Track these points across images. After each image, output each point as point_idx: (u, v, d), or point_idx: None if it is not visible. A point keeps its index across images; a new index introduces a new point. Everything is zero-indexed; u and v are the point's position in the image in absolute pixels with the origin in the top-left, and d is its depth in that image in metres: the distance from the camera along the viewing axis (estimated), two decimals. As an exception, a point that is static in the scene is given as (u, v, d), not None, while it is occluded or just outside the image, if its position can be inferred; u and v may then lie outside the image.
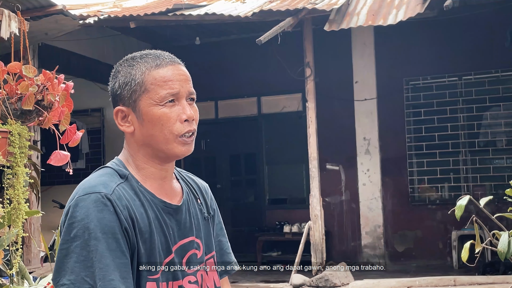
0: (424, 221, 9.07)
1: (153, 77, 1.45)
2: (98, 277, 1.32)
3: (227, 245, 1.73)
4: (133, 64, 1.49)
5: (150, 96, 1.45)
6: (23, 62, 2.49)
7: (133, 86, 1.46)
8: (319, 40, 8.29)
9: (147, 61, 1.48)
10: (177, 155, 1.49)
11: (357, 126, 9.41)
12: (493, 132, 9.07)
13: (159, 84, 1.45)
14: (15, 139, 2.50)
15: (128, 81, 1.47)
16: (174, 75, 1.47)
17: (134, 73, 1.47)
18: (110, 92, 1.53)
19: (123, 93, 1.48)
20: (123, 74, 1.49)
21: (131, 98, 1.47)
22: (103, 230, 1.35)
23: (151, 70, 1.46)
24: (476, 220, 2.24)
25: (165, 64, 1.47)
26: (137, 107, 1.46)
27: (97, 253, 1.33)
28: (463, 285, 6.57)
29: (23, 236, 2.58)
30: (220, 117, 10.28)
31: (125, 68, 1.49)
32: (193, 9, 8.07)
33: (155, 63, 1.47)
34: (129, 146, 1.52)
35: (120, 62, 1.53)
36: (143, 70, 1.46)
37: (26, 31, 3.20)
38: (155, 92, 1.44)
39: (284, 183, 10.35)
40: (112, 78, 1.53)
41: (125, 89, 1.47)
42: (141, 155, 1.50)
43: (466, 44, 8.90)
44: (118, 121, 1.50)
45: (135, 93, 1.46)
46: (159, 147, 1.47)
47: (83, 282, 1.32)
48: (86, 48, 8.92)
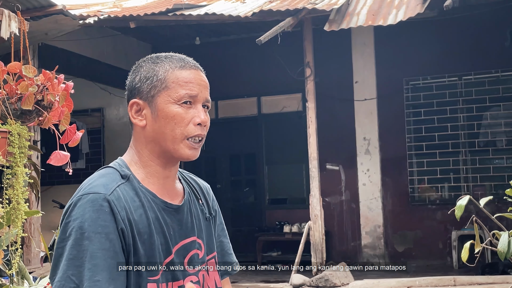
0: (424, 221, 9.06)
1: (176, 76, 1.49)
2: (86, 277, 1.32)
3: (228, 246, 1.73)
4: (157, 61, 1.52)
5: (169, 93, 1.48)
6: (23, 62, 2.49)
7: (154, 82, 1.49)
8: (319, 40, 8.29)
9: (171, 61, 1.52)
10: (182, 157, 1.50)
11: (357, 126, 9.41)
12: (493, 132, 9.07)
13: (180, 84, 1.48)
14: (14, 139, 2.50)
15: (149, 76, 1.50)
16: (195, 79, 1.51)
17: (158, 69, 1.50)
18: (128, 85, 1.55)
19: (143, 87, 1.50)
20: (146, 69, 1.52)
21: (149, 93, 1.49)
22: (96, 230, 1.35)
23: (175, 69, 1.50)
24: (476, 220, 2.24)
25: (189, 67, 1.52)
26: (154, 102, 1.49)
27: (88, 253, 1.34)
28: (463, 285, 6.57)
29: (22, 236, 2.57)
30: (220, 117, 10.28)
31: (149, 64, 1.53)
32: (193, 9, 8.07)
33: (180, 64, 1.51)
34: (136, 141, 1.53)
35: (143, 59, 1.56)
36: (166, 68, 1.50)
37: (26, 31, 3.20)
38: (175, 90, 1.48)
39: (284, 183, 10.35)
40: (133, 72, 1.55)
41: (145, 83, 1.50)
42: (148, 151, 1.51)
43: (466, 44, 8.90)
44: (132, 113, 1.51)
45: (154, 88, 1.49)
46: (166, 145, 1.49)
47: (68, 280, 1.33)
48: (86, 48, 8.92)
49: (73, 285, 1.32)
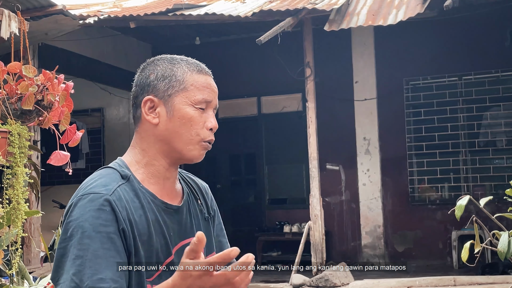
0: (424, 221, 9.06)
1: (195, 79, 1.51)
2: (87, 276, 1.32)
3: (227, 246, 1.73)
4: (174, 62, 1.54)
5: (187, 95, 1.50)
6: (23, 62, 2.49)
7: (172, 81, 1.51)
8: (319, 40, 8.29)
9: (188, 64, 1.54)
10: (192, 158, 1.52)
11: (357, 126, 9.41)
12: (493, 132, 9.07)
13: (199, 88, 1.51)
14: (15, 139, 2.50)
15: (167, 75, 1.51)
16: (211, 85, 1.54)
17: (176, 70, 1.52)
18: (139, 82, 1.54)
19: (159, 85, 1.51)
20: (163, 68, 1.53)
21: (166, 92, 1.50)
22: (97, 229, 1.35)
23: (193, 73, 1.52)
24: (476, 220, 2.24)
25: (204, 73, 1.55)
26: (170, 101, 1.50)
27: (89, 252, 1.33)
28: (463, 285, 6.57)
29: (22, 236, 2.57)
30: (220, 117, 10.25)
31: (165, 63, 1.54)
32: (193, 9, 8.07)
33: (197, 68, 1.54)
34: (142, 140, 1.53)
35: (156, 58, 1.57)
36: (184, 70, 1.52)
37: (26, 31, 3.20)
38: (193, 93, 1.50)
39: (284, 183, 10.35)
40: (144, 70, 1.55)
41: (163, 82, 1.51)
42: (155, 150, 1.51)
43: (466, 44, 8.90)
44: (145, 109, 1.51)
45: (172, 88, 1.50)
46: (178, 145, 1.50)
47: (70, 280, 1.33)
48: (86, 48, 8.92)
49: (73, 284, 1.32)
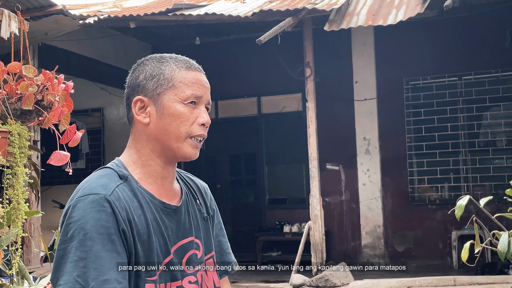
0: (424, 221, 9.06)
1: (183, 76, 1.51)
2: (92, 277, 1.32)
3: (226, 245, 1.74)
4: (162, 60, 1.54)
5: (175, 92, 1.50)
6: (23, 62, 2.49)
7: (160, 80, 1.51)
8: (319, 40, 8.28)
9: (177, 61, 1.54)
10: (184, 155, 1.51)
11: (357, 126, 9.41)
12: (493, 132, 9.07)
13: (187, 84, 1.51)
14: (15, 139, 2.50)
15: (156, 74, 1.51)
16: (200, 80, 1.54)
17: (164, 68, 1.52)
18: (130, 83, 1.55)
19: (148, 85, 1.51)
20: (151, 68, 1.53)
21: (155, 91, 1.50)
22: (99, 230, 1.35)
23: (181, 69, 1.52)
24: (476, 220, 2.24)
25: (194, 68, 1.55)
26: (159, 100, 1.50)
27: (92, 254, 1.33)
28: (463, 285, 6.57)
29: (23, 236, 2.57)
30: (220, 117, 10.27)
31: (154, 63, 1.54)
32: (193, 9, 8.07)
33: (185, 65, 1.54)
34: (137, 140, 1.53)
35: (146, 58, 1.58)
36: (173, 67, 1.52)
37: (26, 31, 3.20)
38: (182, 90, 1.50)
39: (284, 183, 10.35)
40: (135, 71, 1.56)
41: (151, 81, 1.51)
42: (149, 150, 1.52)
43: (466, 44, 8.90)
44: (136, 110, 1.52)
45: (161, 87, 1.50)
46: (169, 143, 1.50)
47: (74, 282, 1.32)
48: (86, 48, 8.92)
49: (78, 286, 1.32)
